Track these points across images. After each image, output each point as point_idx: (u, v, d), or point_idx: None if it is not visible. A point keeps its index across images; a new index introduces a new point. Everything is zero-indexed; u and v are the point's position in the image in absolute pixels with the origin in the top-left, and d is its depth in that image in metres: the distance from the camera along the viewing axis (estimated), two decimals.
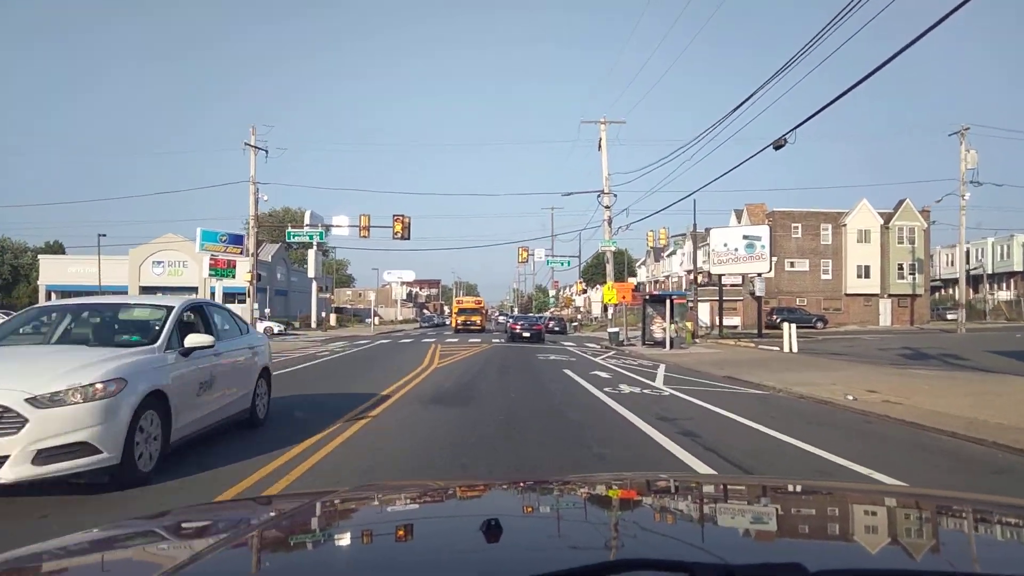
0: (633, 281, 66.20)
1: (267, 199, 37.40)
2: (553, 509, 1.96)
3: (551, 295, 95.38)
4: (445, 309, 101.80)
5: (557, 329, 51.79)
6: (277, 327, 47.31)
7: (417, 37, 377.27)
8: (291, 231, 43.91)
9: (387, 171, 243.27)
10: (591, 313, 78.03)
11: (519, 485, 2.37)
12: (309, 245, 47.21)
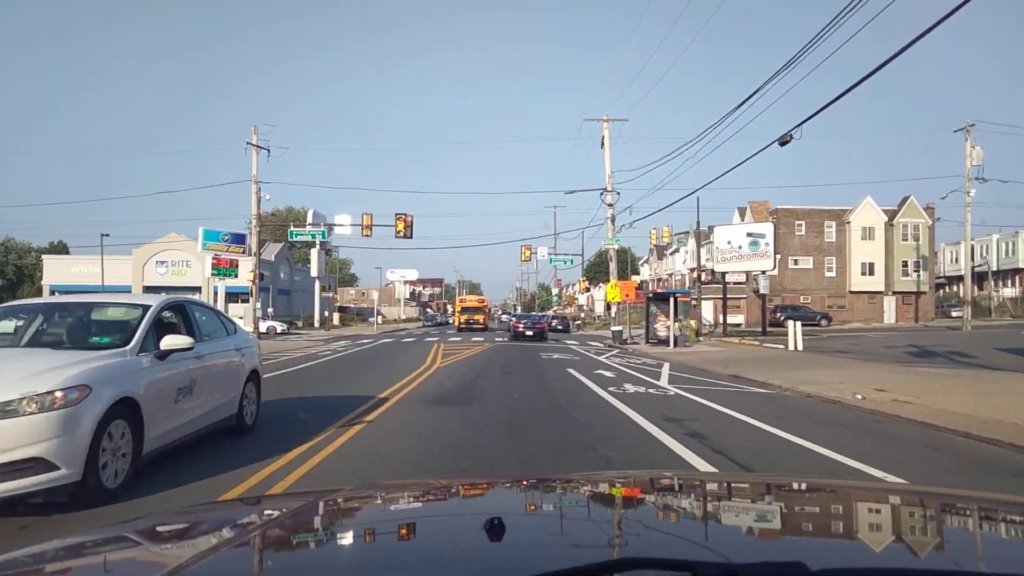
0: (636, 279, 66.06)
1: (269, 198, 37.41)
2: (556, 507, 1.95)
3: (554, 294, 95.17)
4: (448, 308, 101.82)
5: (560, 328, 51.78)
6: (280, 326, 47.29)
7: (419, 37, 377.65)
8: (294, 230, 43.86)
9: (390, 170, 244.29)
10: (594, 311, 77.92)
11: (522, 483, 2.35)
12: (312, 244, 47.29)
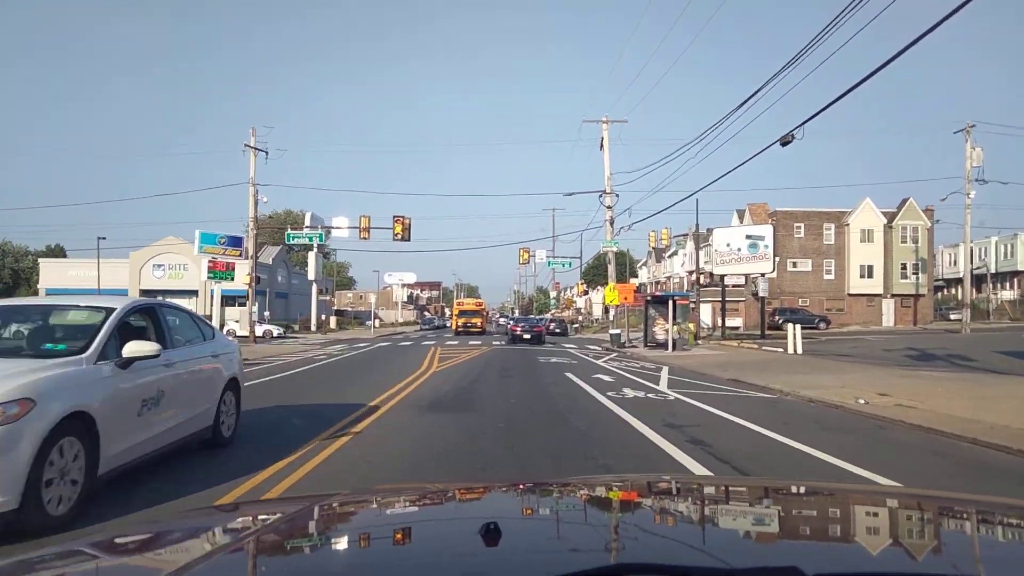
0: (634, 282, 65.93)
1: (266, 200, 37.14)
2: (552, 512, 1.94)
3: (552, 297, 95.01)
4: (446, 311, 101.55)
5: (558, 331, 51.65)
6: (277, 330, 47.13)
7: (417, 39, 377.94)
8: (291, 233, 43.55)
9: (389, 173, 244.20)
10: (592, 315, 77.77)
11: (518, 487, 2.33)
12: (309, 247, 46.96)
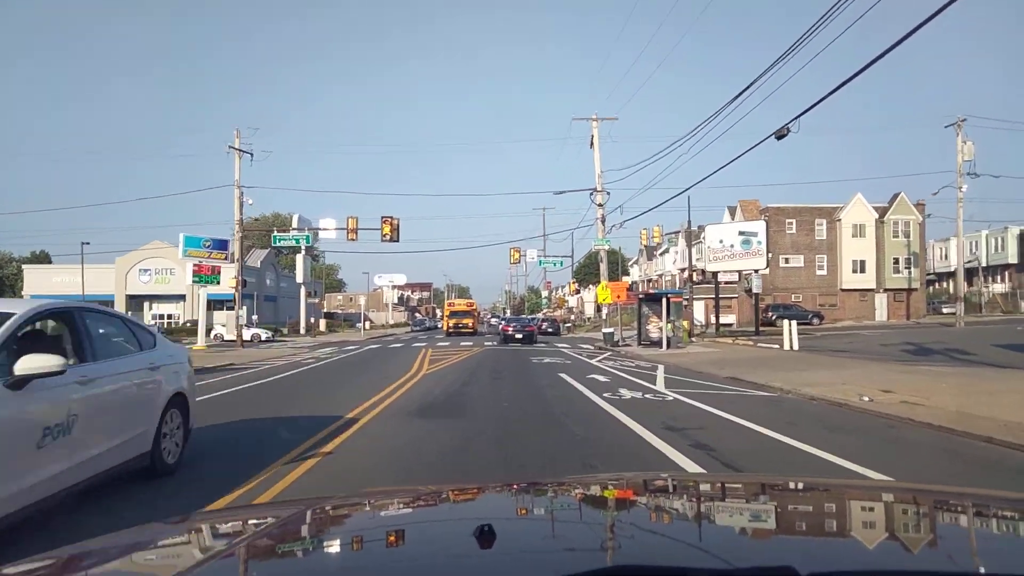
0: (626, 280, 65.59)
1: (252, 203, 36.61)
2: (547, 512, 1.92)
3: (544, 296, 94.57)
4: (437, 312, 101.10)
5: (550, 330, 51.32)
6: (265, 334, 46.60)
7: (406, 40, 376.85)
8: (277, 235, 42.96)
9: (385, 175, 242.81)
10: (584, 313, 77.40)
11: (512, 488, 2.30)
12: (297, 250, 46.43)
